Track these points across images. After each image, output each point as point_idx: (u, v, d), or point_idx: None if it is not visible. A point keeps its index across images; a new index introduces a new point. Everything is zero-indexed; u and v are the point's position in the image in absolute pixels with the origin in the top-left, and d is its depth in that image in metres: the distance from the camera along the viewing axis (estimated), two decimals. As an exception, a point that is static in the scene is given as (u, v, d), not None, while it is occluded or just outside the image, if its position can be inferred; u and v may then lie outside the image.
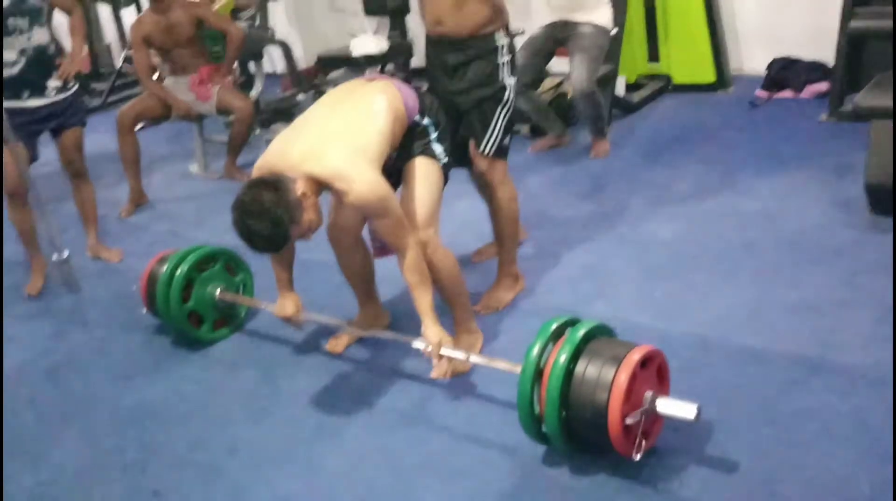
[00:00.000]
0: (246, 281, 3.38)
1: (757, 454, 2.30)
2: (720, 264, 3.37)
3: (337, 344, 3.07)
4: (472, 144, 3.10)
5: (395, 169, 2.74)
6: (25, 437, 2.84)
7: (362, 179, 2.46)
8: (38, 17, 3.69)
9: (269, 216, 2.36)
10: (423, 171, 2.73)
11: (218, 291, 3.24)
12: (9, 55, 3.63)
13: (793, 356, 2.71)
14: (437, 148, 2.76)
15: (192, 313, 3.21)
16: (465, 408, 2.68)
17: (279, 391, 2.91)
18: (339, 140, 2.54)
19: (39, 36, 3.69)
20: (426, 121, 2.75)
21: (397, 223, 2.54)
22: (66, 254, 3.79)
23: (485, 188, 3.21)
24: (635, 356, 2.18)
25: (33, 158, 3.85)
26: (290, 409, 2.80)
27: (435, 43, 3.01)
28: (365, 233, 2.98)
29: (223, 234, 4.04)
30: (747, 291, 3.16)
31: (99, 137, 5.43)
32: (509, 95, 3.06)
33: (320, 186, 2.50)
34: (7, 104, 3.63)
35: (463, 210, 3.83)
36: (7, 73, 3.64)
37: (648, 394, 2.22)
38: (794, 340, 2.81)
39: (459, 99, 3.05)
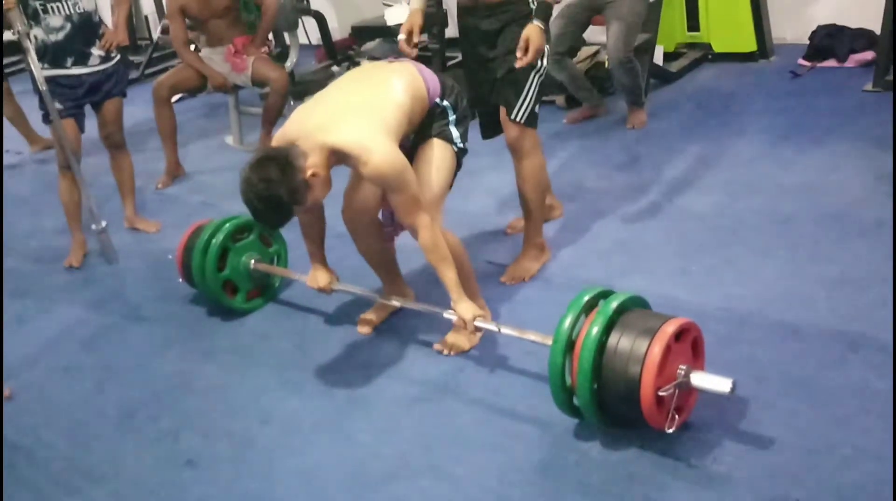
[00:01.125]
0: (280, 252, 3.39)
1: (792, 430, 2.27)
2: (758, 238, 3.31)
3: (365, 327, 3.06)
4: (502, 110, 3.07)
5: (410, 151, 2.70)
6: (61, 405, 2.88)
7: (380, 149, 2.43)
8: None
9: (272, 198, 2.36)
10: (437, 153, 2.70)
11: (252, 261, 3.26)
12: (55, 21, 3.65)
13: (831, 332, 2.67)
14: (454, 132, 2.72)
15: (226, 282, 3.24)
16: (495, 381, 2.67)
17: (311, 362, 2.91)
18: (357, 112, 2.53)
19: (85, 2, 3.71)
20: (445, 103, 2.72)
21: (413, 199, 2.52)
22: (104, 225, 3.84)
23: (513, 156, 3.17)
24: (669, 329, 2.15)
25: (80, 130, 3.88)
26: (321, 380, 2.81)
27: (468, 10, 2.98)
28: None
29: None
30: (786, 265, 3.10)
31: (136, 109, 5.45)
32: (543, 61, 3.01)
33: (335, 158, 2.47)
34: (52, 72, 3.67)
35: (494, 182, 3.81)
36: (53, 38, 3.67)
37: (682, 368, 2.19)
38: (832, 315, 2.76)
39: (493, 65, 3.02)
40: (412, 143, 2.73)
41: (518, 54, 2.84)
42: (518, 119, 3.04)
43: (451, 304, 2.62)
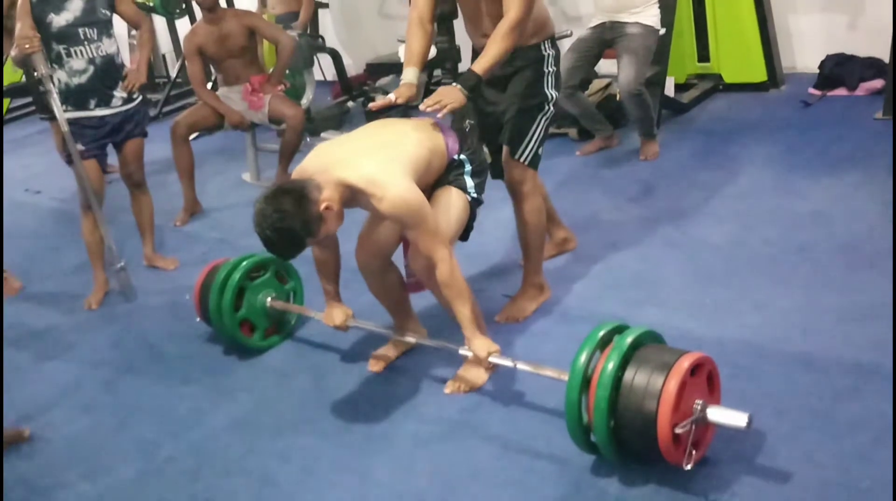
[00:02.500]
0: (296, 289, 3.42)
1: (810, 463, 2.27)
2: (772, 269, 3.32)
3: (377, 364, 3.07)
4: (506, 150, 3.11)
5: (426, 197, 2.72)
6: (81, 445, 2.91)
7: (397, 184, 2.47)
8: (107, 27, 3.79)
9: (286, 229, 2.39)
10: (450, 199, 2.73)
11: (269, 299, 3.29)
12: (78, 64, 3.73)
13: (847, 363, 2.67)
14: (469, 181, 2.76)
15: (244, 321, 3.27)
16: (512, 417, 2.68)
17: (329, 399, 2.93)
18: (375, 152, 2.58)
19: (108, 46, 3.79)
20: (462, 156, 2.76)
21: (431, 234, 2.54)
22: (123, 263, 3.89)
23: (513, 198, 3.20)
24: (685, 364, 2.16)
25: (103, 171, 3.95)
26: (339, 417, 2.83)
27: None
28: (399, 260, 3.00)
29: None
30: (800, 296, 3.11)
31: (154, 147, 5.47)
32: (551, 107, 3.07)
33: (350, 194, 2.50)
34: (75, 114, 3.75)
35: (507, 216, 3.79)
36: (76, 81, 3.74)
37: (699, 403, 2.20)
38: (847, 346, 2.76)
39: (502, 108, 3.06)
40: (429, 192, 2.75)
41: (424, 105, 2.73)
42: (522, 159, 3.08)
43: (466, 340, 2.64)
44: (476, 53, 3.12)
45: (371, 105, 2.90)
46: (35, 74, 3.61)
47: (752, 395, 2.57)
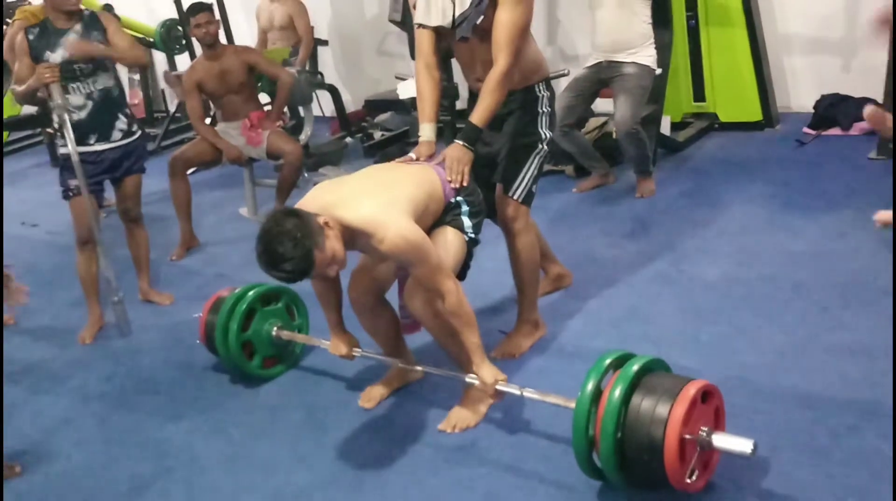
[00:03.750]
0: (302, 326, 3.43)
1: (807, 502, 2.25)
2: (768, 306, 3.32)
3: (369, 399, 3.06)
4: (499, 188, 3.13)
5: None
6: (73, 480, 2.88)
7: (396, 224, 2.47)
8: (103, 62, 3.80)
9: (292, 239, 2.34)
10: (448, 237, 2.73)
11: (275, 328, 3.29)
12: (76, 100, 3.74)
13: (844, 401, 2.66)
14: (466, 222, 2.77)
15: (246, 343, 3.27)
16: (513, 446, 2.67)
17: (325, 436, 2.91)
18: (373, 194, 2.59)
19: (105, 80, 3.81)
20: (459, 198, 2.78)
21: (436, 268, 2.55)
22: (120, 295, 3.88)
23: (507, 235, 3.21)
24: (691, 390, 2.18)
25: (99, 205, 3.95)
26: (335, 455, 2.80)
27: (476, 98, 3.02)
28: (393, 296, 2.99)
29: (270, 278, 4.13)
30: (796, 333, 3.11)
31: (151, 181, 5.47)
32: (544, 146, 3.10)
33: (348, 235, 2.50)
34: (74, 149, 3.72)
35: (504, 251, 3.81)
36: (76, 117, 3.75)
37: (704, 429, 2.20)
38: (845, 384, 2.75)
39: (497, 148, 3.09)
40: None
41: (449, 179, 2.78)
42: (515, 197, 3.10)
43: (474, 368, 2.65)
44: (472, 94, 3.17)
45: (399, 160, 2.92)
46: (51, 103, 3.61)
47: (751, 431, 2.49)
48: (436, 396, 2.99)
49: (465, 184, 2.78)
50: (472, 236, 2.79)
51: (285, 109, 5.43)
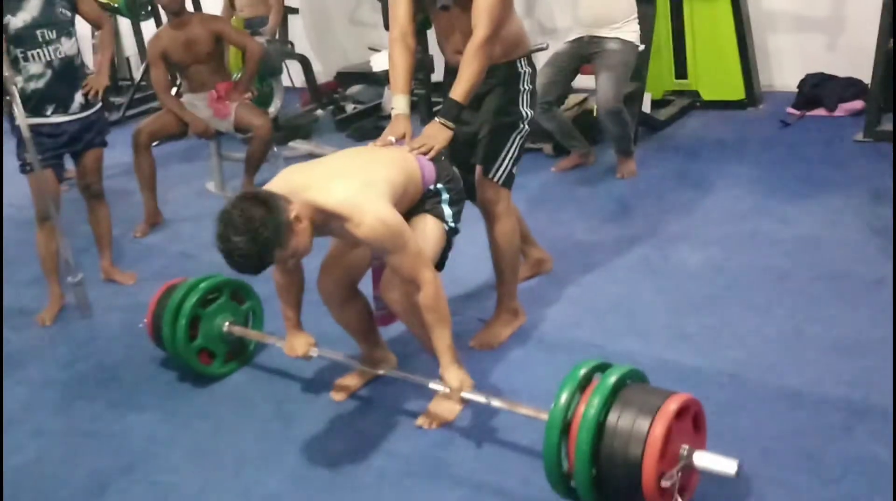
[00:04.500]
0: (255, 308, 3.26)
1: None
2: (755, 297, 3.22)
3: (340, 393, 2.92)
4: (478, 170, 2.99)
5: None
6: (28, 475, 2.73)
7: (373, 208, 2.31)
8: (67, 28, 3.59)
9: (254, 234, 2.17)
10: (427, 226, 2.59)
11: (226, 324, 3.12)
12: (35, 68, 3.53)
13: (835, 400, 2.57)
14: (447, 210, 2.63)
15: (201, 350, 3.10)
16: (485, 454, 2.54)
17: (292, 432, 2.78)
18: (348, 175, 2.43)
19: (67, 47, 3.59)
20: (439, 186, 2.63)
21: (415, 256, 2.40)
22: (80, 277, 3.70)
23: (486, 219, 3.08)
24: (671, 407, 2.04)
25: (59, 180, 3.76)
26: (303, 452, 2.67)
27: (454, 73, 2.84)
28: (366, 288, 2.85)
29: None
30: (784, 326, 3.01)
31: (115, 153, 5.27)
32: (526, 125, 2.96)
33: (321, 219, 2.34)
34: (31, 121, 3.52)
35: (482, 234, 3.69)
36: (33, 86, 3.54)
37: (685, 448, 2.08)
38: (835, 381, 2.66)
39: (475, 127, 2.95)
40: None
41: (411, 147, 2.66)
42: (495, 179, 2.96)
43: (441, 369, 2.50)
44: (449, 69, 3.01)
45: (375, 143, 2.75)
46: None
47: (737, 433, 2.46)
48: (410, 392, 2.84)
49: (427, 155, 2.63)
50: (453, 225, 2.64)
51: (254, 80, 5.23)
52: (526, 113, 2.96)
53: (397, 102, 2.82)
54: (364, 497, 2.44)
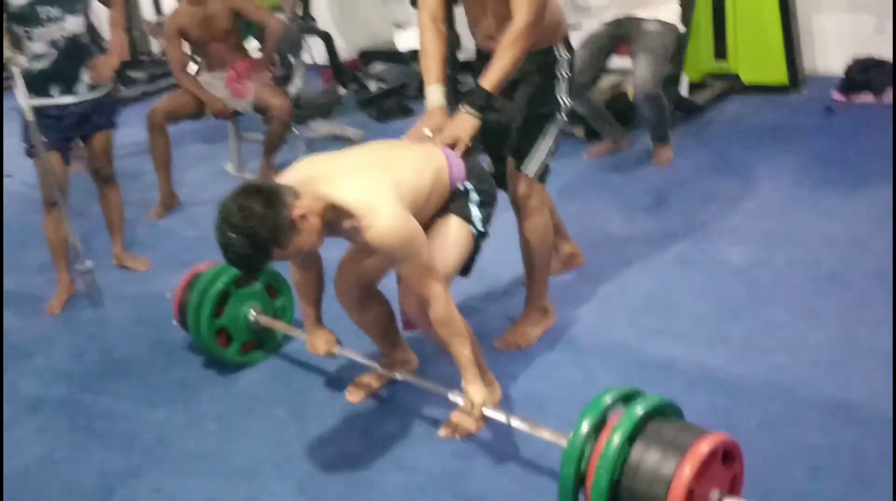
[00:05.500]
0: (286, 306, 3.12)
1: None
2: (802, 298, 3.02)
3: (356, 394, 2.77)
4: (511, 162, 2.80)
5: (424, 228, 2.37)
6: (33, 477, 2.60)
7: (388, 212, 2.12)
8: (72, 4, 3.40)
9: (250, 234, 2.01)
10: (453, 229, 2.39)
11: (253, 312, 2.98)
12: (39, 47, 3.37)
13: (892, 415, 2.36)
14: (475, 212, 2.42)
15: (221, 330, 2.97)
16: (507, 471, 2.37)
17: (307, 436, 2.62)
18: (368, 173, 2.24)
19: (73, 25, 3.42)
20: (468, 185, 2.43)
21: (424, 268, 2.21)
22: (88, 264, 3.56)
23: (517, 213, 2.88)
24: (703, 448, 1.84)
25: (66, 163, 3.61)
26: (318, 459, 2.52)
27: (486, 59, 2.63)
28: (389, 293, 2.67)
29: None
30: (834, 332, 2.81)
31: (132, 132, 5.15)
32: (563, 116, 2.76)
33: (333, 216, 2.17)
34: (36, 102, 3.37)
35: (509, 228, 3.50)
36: (37, 66, 3.38)
37: (715, 494, 1.88)
38: (891, 394, 2.45)
39: (508, 116, 2.75)
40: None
41: (441, 142, 2.48)
42: (528, 172, 2.77)
43: (462, 383, 2.33)
44: (480, 54, 2.81)
45: (406, 137, 2.57)
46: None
47: (785, 448, 2.30)
48: (432, 396, 2.65)
49: (457, 150, 2.45)
50: (481, 229, 2.44)
51: (275, 58, 5.04)
52: (564, 102, 2.76)
53: (431, 94, 2.62)
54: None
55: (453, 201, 2.41)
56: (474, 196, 2.42)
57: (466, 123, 2.50)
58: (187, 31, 4.57)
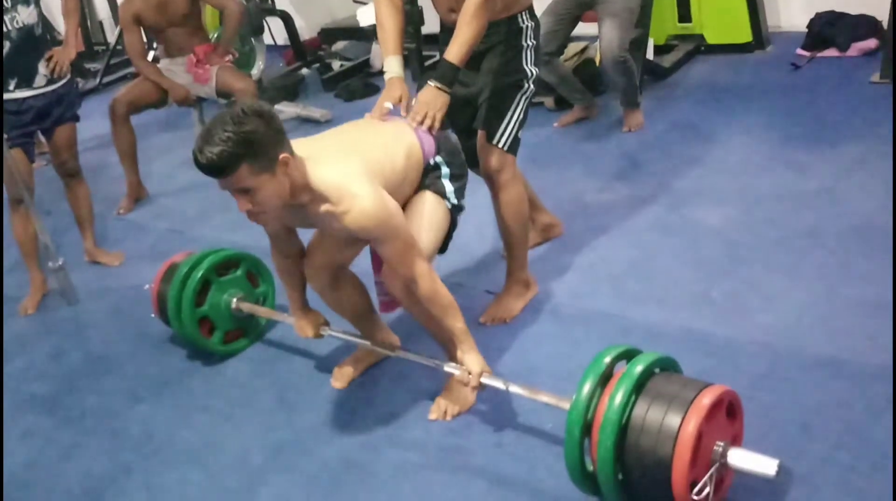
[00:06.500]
0: (267, 294, 3.09)
1: (852, 494, 2.00)
2: (781, 256, 3.04)
3: (340, 378, 2.75)
4: (481, 135, 2.78)
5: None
6: (18, 482, 2.56)
7: (365, 195, 2.09)
8: None
9: (236, 133, 1.93)
10: (429, 207, 2.39)
11: (235, 300, 2.95)
12: None
13: (876, 368, 2.39)
14: (448, 186, 2.41)
15: (203, 319, 2.94)
16: (504, 442, 2.37)
17: (299, 421, 2.61)
18: (339, 155, 2.21)
19: (25, 15, 3.33)
20: (438, 159, 2.42)
21: (407, 246, 2.19)
22: (61, 262, 3.50)
23: (491, 187, 2.87)
24: (705, 400, 1.87)
25: (31, 160, 3.53)
26: (311, 444, 2.50)
27: (450, 32, 2.60)
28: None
29: (230, 232, 3.76)
30: (816, 287, 2.83)
31: (93, 124, 5.04)
32: (531, 84, 2.74)
33: (306, 197, 2.13)
34: None
35: (486, 203, 3.49)
36: None
37: (720, 444, 1.90)
38: (874, 347, 2.48)
39: (476, 89, 2.72)
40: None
41: (412, 120, 2.47)
42: (500, 145, 2.74)
43: (459, 355, 2.33)
44: (444, 27, 2.79)
45: (371, 115, 2.53)
46: None
47: (775, 407, 2.31)
48: (419, 373, 2.64)
49: (433, 129, 2.45)
50: (456, 202, 2.43)
51: (235, 41, 4.96)
52: (531, 71, 2.74)
53: (389, 65, 2.62)
54: (379, 492, 2.28)
55: (426, 177, 2.40)
56: (445, 170, 2.41)
57: (437, 98, 2.48)
58: (143, 17, 4.45)
